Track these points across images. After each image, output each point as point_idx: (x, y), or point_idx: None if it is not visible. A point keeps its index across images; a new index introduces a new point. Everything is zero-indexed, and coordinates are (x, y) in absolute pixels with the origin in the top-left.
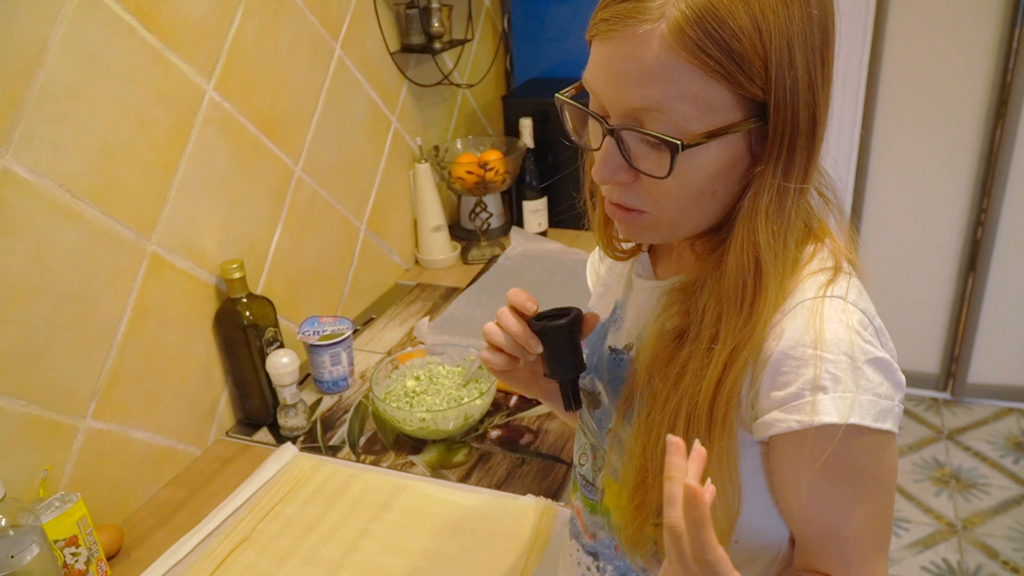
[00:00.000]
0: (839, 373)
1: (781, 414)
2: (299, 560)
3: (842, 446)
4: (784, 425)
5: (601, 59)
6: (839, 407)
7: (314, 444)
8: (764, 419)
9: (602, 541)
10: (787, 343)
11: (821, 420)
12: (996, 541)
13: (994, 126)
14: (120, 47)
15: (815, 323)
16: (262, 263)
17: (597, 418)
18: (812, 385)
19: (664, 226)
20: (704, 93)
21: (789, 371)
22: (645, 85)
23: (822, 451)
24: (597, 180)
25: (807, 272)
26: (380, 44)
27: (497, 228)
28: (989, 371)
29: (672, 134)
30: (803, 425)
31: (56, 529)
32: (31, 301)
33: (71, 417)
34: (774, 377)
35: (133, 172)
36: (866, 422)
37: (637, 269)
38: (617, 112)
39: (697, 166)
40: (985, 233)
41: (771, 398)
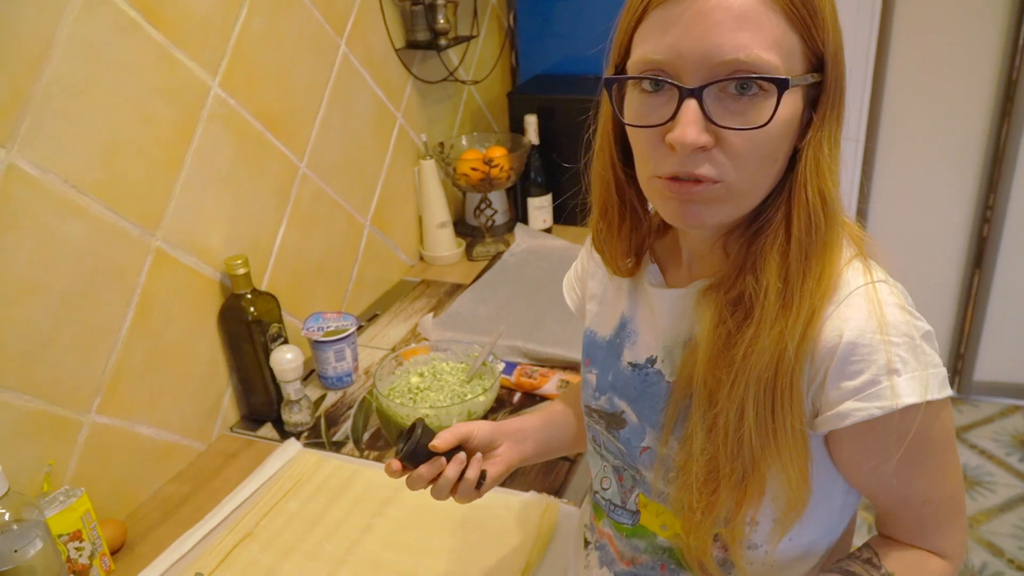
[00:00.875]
0: (906, 354)
1: (858, 403)
2: (302, 555)
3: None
4: (864, 413)
5: (677, 19)
6: (915, 387)
7: (318, 440)
8: (837, 410)
9: (644, 564)
10: (853, 333)
11: (904, 402)
12: (1002, 539)
13: (1000, 123)
14: (125, 43)
15: (875, 309)
16: (267, 259)
17: (624, 439)
18: (887, 370)
19: (731, 198)
20: (785, 40)
21: (859, 359)
22: (740, 31)
23: (906, 432)
24: (683, 144)
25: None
26: (385, 40)
27: (502, 225)
28: (995, 369)
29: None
30: (885, 411)
31: (60, 524)
32: (36, 296)
33: (75, 412)
34: (843, 367)
35: (138, 168)
36: (939, 395)
37: (648, 279)
38: (700, 72)
39: (780, 118)
40: (991, 230)
41: (842, 388)
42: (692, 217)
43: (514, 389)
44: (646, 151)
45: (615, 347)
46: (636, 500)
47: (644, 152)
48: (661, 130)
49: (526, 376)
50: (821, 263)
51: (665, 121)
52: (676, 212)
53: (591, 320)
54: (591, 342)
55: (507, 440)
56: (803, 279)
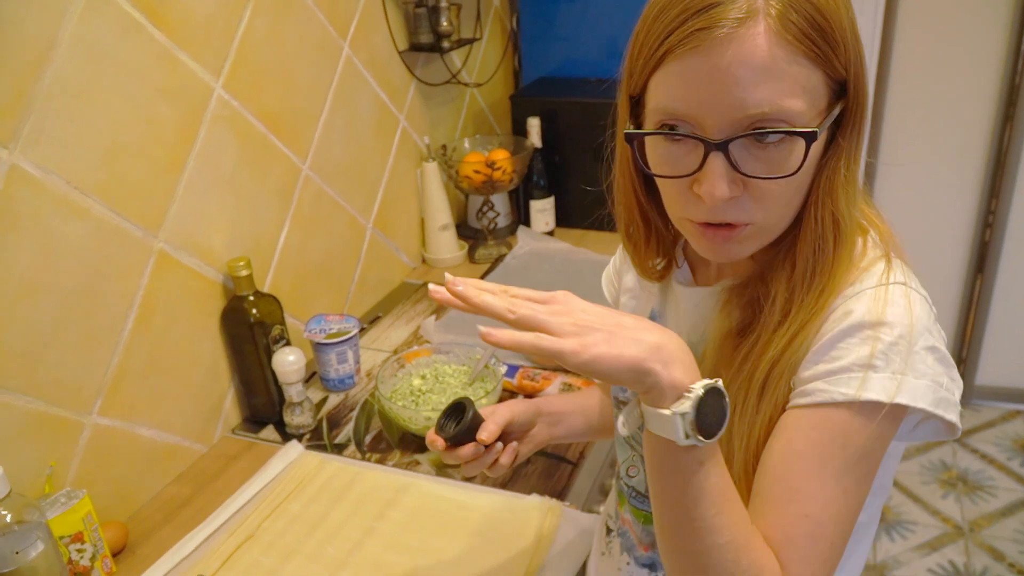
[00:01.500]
0: (893, 356)
1: (824, 384)
2: (304, 557)
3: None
4: (826, 395)
5: (696, 73)
6: (887, 387)
7: (320, 442)
8: (804, 388)
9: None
10: (848, 323)
11: (867, 396)
12: (1003, 543)
13: (1002, 128)
14: (129, 44)
15: (877, 307)
16: (269, 261)
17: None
18: (865, 362)
19: (765, 233)
20: (808, 82)
21: (844, 347)
22: (764, 84)
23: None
24: (713, 200)
25: (865, 263)
26: (388, 43)
27: (504, 227)
28: (997, 373)
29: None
30: (846, 398)
31: (61, 525)
32: (38, 297)
33: (77, 413)
34: (827, 351)
35: (141, 169)
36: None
37: (677, 277)
38: (723, 125)
39: (809, 158)
40: (993, 235)
41: (815, 370)
42: (726, 254)
43: (516, 392)
44: (674, 196)
45: None
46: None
47: (672, 197)
48: (688, 180)
49: (528, 379)
50: (822, 283)
51: (692, 172)
52: (709, 249)
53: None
54: None
55: (542, 422)
56: (806, 294)
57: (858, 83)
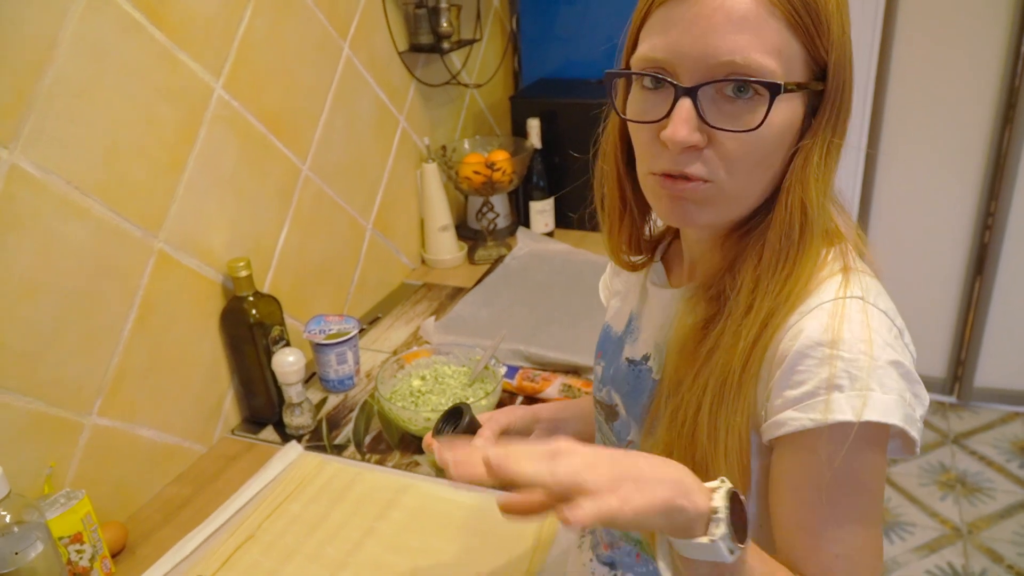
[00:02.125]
0: (855, 372)
1: (795, 412)
2: (304, 558)
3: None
4: (797, 424)
5: (679, 19)
6: (853, 405)
7: (319, 443)
8: (776, 419)
9: (622, 549)
10: (804, 342)
11: (835, 418)
12: (1001, 545)
13: (1002, 130)
14: (129, 44)
15: (834, 323)
16: (269, 261)
17: (616, 430)
18: (827, 384)
19: (722, 200)
20: (786, 47)
21: (805, 370)
22: (738, 34)
23: (836, 452)
24: (673, 142)
25: (826, 273)
26: (388, 43)
27: (504, 228)
28: (996, 375)
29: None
30: (816, 423)
31: (61, 526)
32: (38, 297)
33: (77, 414)
34: (789, 376)
35: (141, 169)
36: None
37: (652, 278)
38: (696, 72)
39: (774, 123)
40: (992, 237)
41: (784, 397)
42: (682, 215)
43: (516, 393)
44: (643, 147)
45: (620, 343)
46: None
47: (641, 148)
48: (657, 127)
49: (528, 380)
50: (788, 269)
51: (660, 118)
52: (667, 209)
53: (610, 316)
54: (606, 336)
55: (540, 428)
56: (770, 282)
57: (839, 73)
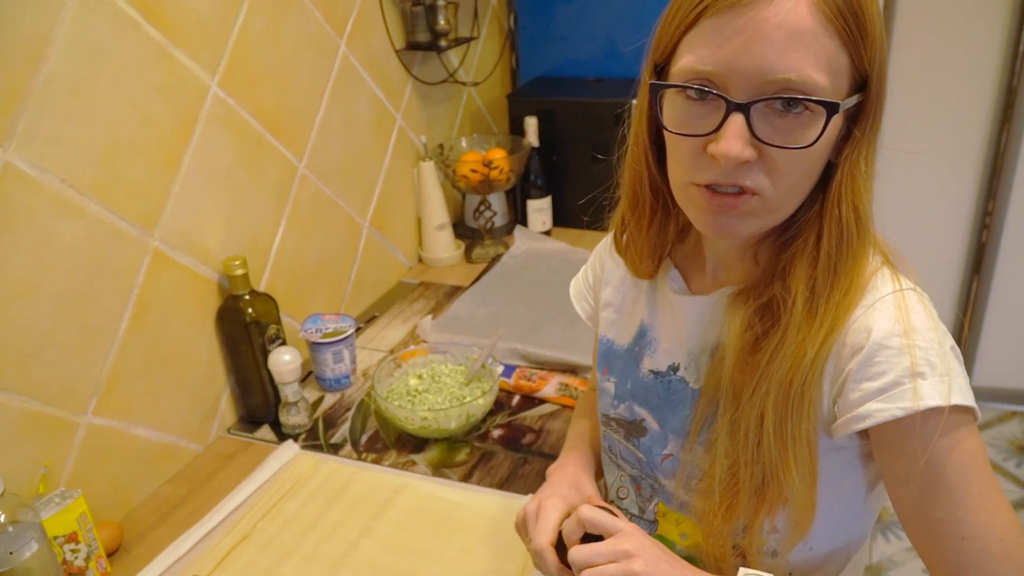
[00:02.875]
0: (933, 359)
1: (880, 403)
2: (300, 558)
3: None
4: (886, 414)
5: (730, 32)
6: (940, 390)
7: (316, 442)
8: (858, 412)
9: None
10: (879, 334)
11: (926, 404)
12: None
13: (1000, 129)
14: (124, 42)
15: (903, 315)
16: (265, 260)
17: (645, 447)
18: (911, 372)
19: (766, 211)
20: (836, 61)
21: (883, 360)
22: (795, 50)
23: (930, 437)
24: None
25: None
26: (385, 41)
27: (501, 227)
28: (993, 374)
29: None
30: (906, 412)
31: (56, 525)
32: (33, 296)
33: (72, 413)
34: (866, 368)
35: (136, 168)
36: (968, 402)
37: (672, 286)
38: (749, 87)
39: (824, 137)
40: (990, 236)
41: (863, 389)
42: (725, 229)
43: (513, 392)
44: (685, 158)
45: (634, 355)
46: (655, 509)
47: (682, 158)
48: (704, 140)
49: (525, 379)
50: (850, 276)
51: (709, 132)
52: (709, 223)
53: (607, 328)
54: (608, 351)
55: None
56: (831, 290)
57: (880, 82)
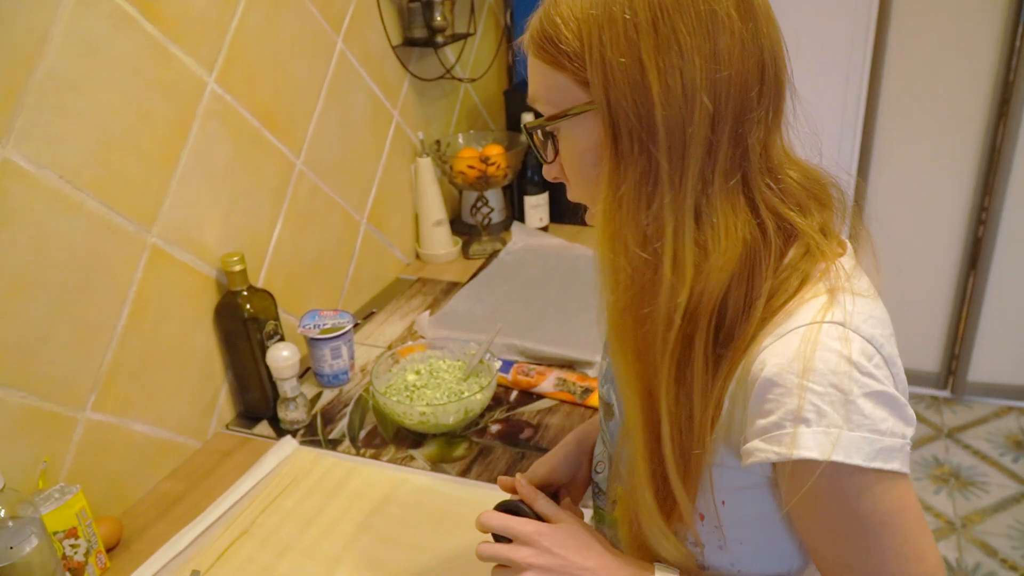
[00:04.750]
0: (824, 406)
1: (762, 443)
2: (299, 553)
3: (833, 486)
4: (763, 455)
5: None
6: (820, 442)
7: (314, 437)
8: (747, 447)
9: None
10: (773, 369)
11: (800, 454)
12: (995, 539)
13: (996, 124)
14: (121, 38)
15: (805, 350)
16: (263, 256)
17: (611, 430)
18: (794, 416)
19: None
20: (553, 81)
21: (773, 399)
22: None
23: (801, 487)
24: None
25: (808, 295)
26: (382, 38)
27: (498, 223)
28: (989, 369)
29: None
30: (781, 458)
31: (55, 521)
32: (31, 292)
33: (71, 409)
34: (760, 404)
35: (134, 164)
36: (854, 461)
37: None
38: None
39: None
40: (986, 231)
41: (755, 425)
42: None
43: (511, 387)
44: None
45: None
46: (615, 490)
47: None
48: None
49: (523, 374)
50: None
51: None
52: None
53: None
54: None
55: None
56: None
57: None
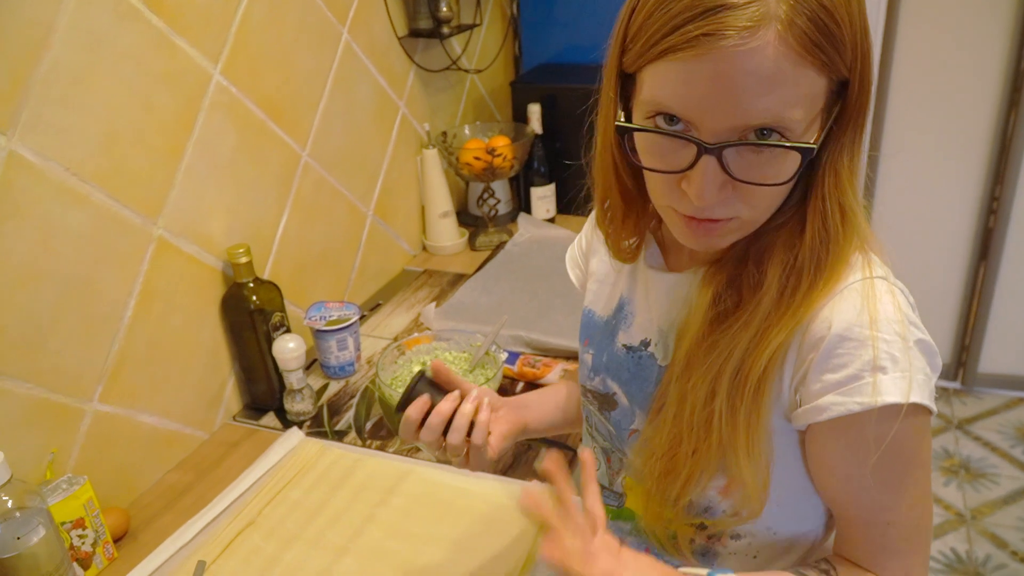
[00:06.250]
0: (896, 353)
1: (839, 396)
2: (305, 544)
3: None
4: (842, 408)
5: (698, 77)
6: (900, 387)
7: (320, 429)
8: (817, 403)
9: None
10: (841, 325)
11: (884, 400)
12: (1005, 531)
13: (1007, 114)
14: (126, 30)
15: (868, 304)
16: (269, 248)
17: (615, 420)
18: (872, 366)
19: (748, 227)
20: (811, 90)
21: (845, 353)
22: (767, 95)
23: (884, 435)
24: (701, 203)
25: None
26: (388, 29)
27: (505, 214)
28: (999, 361)
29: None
30: (864, 407)
31: (63, 511)
32: (38, 284)
33: (78, 400)
34: (827, 359)
35: (140, 156)
36: (925, 401)
37: (649, 261)
38: (720, 129)
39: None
40: (997, 222)
41: (824, 381)
42: (704, 244)
43: (517, 379)
44: (661, 187)
45: (611, 328)
46: (622, 482)
47: (659, 187)
48: (677, 176)
49: (529, 366)
50: (829, 272)
51: (682, 169)
52: (689, 239)
53: (590, 299)
54: (589, 322)
55: (506, 406)
56: (810, 284)
57: (862, 80)
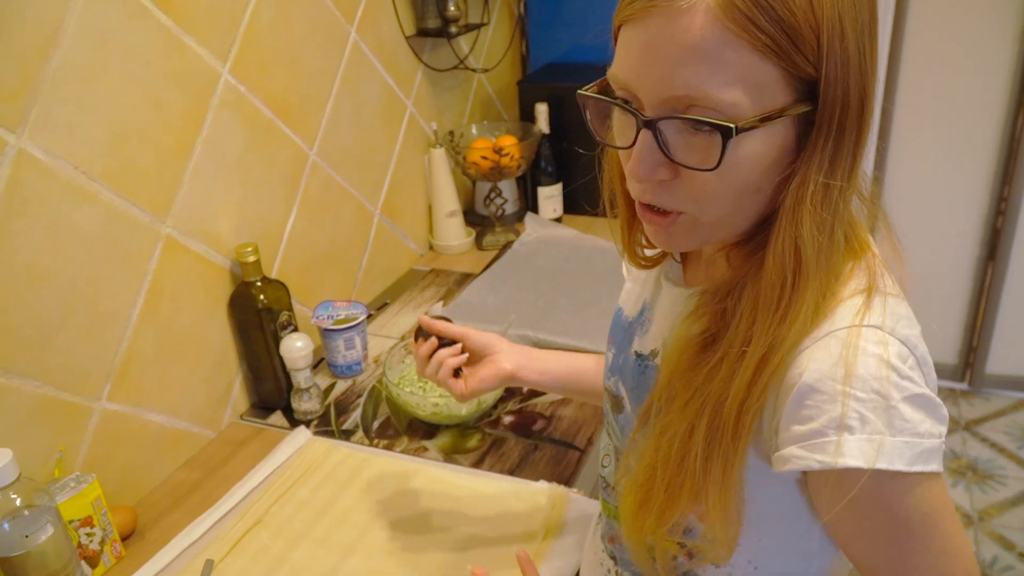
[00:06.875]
0: (868, 413)
1: (800, 450)
2: (312, 543)
3: (876, 492)
4: (803, 463)
5: (635, 44)
6: (864, 450)
7: (327, 428)
8: (782, 453)
9: (619, 546)
10: (813, 374)
11: (846, 463)
12: (1012, 532)
13: (1015, 115)
14: (135, 29)
15: (847, 355)
16: (276, 247)
17: (620, 423)
18: (837, 424)
19: (703, 228)
20: (753, 73)
21: (813, 405)
22: (689, 66)
23: (845, 495)
24: (634, 178)
25: (845, 294)
26: (395, 28)
27: (512, 214)
28: (1007, 362)
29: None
30: (824, 466)
31: (71, 509)
32: (46, 282)
33: (86, 398)
34: (796, 409)
35: (148, 155)
36: (897, 467)
37: (667, 272)
38: (654, 102)
39: (745, 156)
40: (1005, 223)
41: (791, 432)
42: (666, 243)
43: None
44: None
45: (631, 331)
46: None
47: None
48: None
49: None
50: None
51: (628, 145)
52: (653, 236)
53: (623, 298)
54: (617, 320)
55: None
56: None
57: (841, 88)
